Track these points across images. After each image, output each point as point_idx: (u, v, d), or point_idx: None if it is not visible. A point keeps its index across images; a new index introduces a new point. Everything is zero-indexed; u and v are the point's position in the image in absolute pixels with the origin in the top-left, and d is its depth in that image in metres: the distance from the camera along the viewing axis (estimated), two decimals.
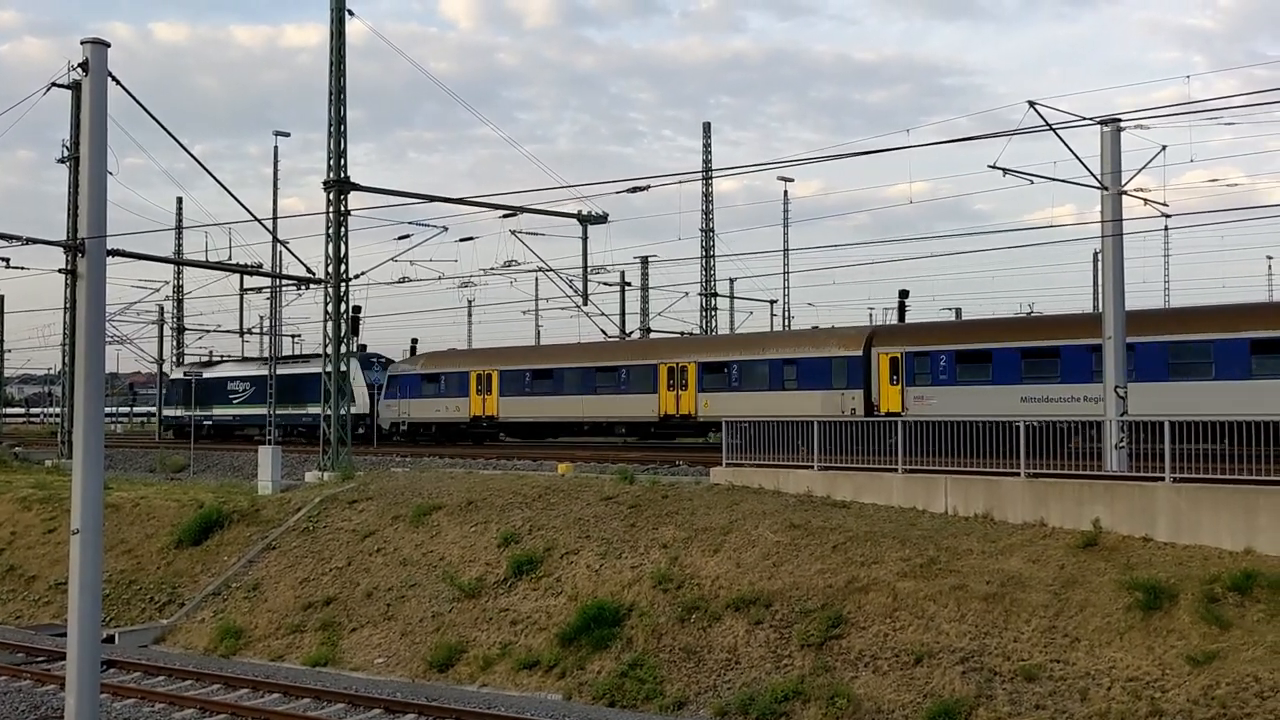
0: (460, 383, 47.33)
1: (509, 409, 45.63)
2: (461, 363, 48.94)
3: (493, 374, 46.03)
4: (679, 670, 19.17)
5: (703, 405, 39.52)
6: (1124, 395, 23.16)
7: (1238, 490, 18.52)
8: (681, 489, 25.20)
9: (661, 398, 40.88)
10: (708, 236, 60.53)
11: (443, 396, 47.83)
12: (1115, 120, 23.32)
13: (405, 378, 49.89)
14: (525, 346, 55.98)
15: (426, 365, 49.98)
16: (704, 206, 60.31)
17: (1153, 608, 16.70)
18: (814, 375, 36.80)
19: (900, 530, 20.82)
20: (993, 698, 16.44)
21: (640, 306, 66.70)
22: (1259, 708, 14.74)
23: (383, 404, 50.38)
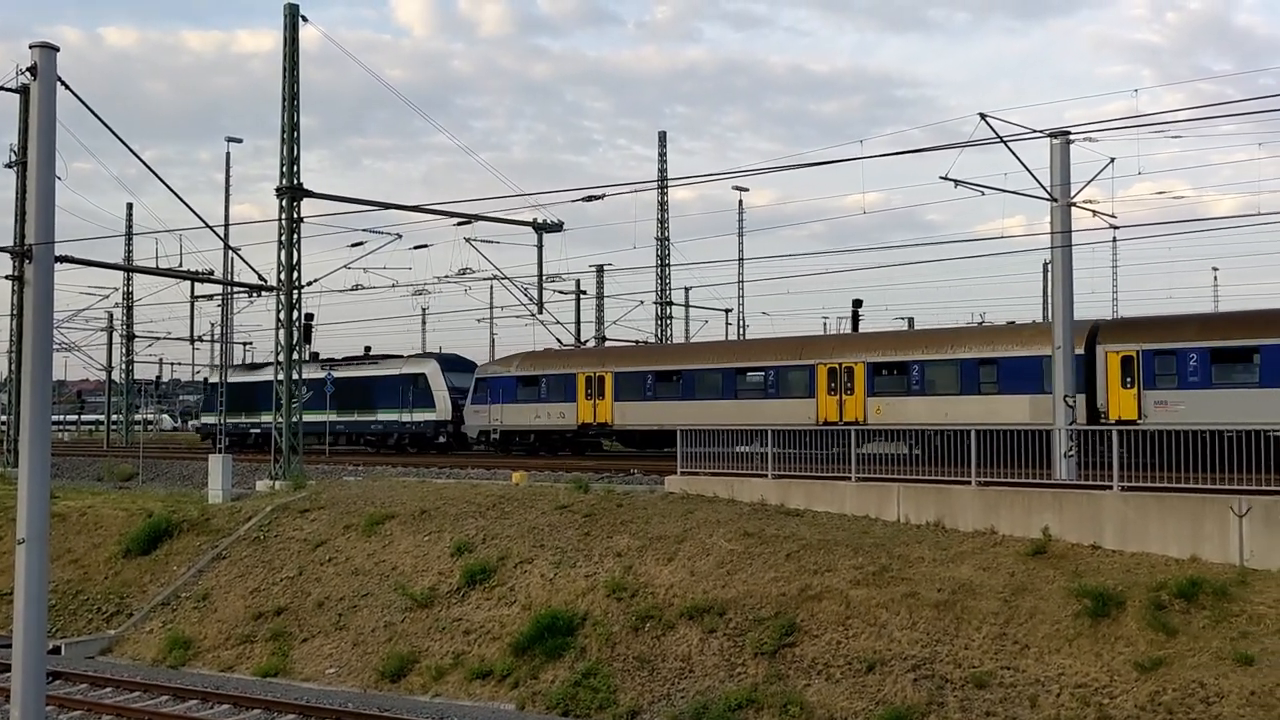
0: (566, 386, 42.25)
1: (626, 415, 40.47)
2: (567, 364, 43.57)
3: (606, 376, 40.95)
4: (632, 679, 19.16)
5: (873, 411, 34.73)
6: (1072, 404, 23.42)
7: (1184, 499, 18.78)
8: (636, 498, 25.20)
9: (821, 402, 35.80)
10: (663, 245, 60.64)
11: (543, 401, 42.80)
12: (1065, 133, 23.63)
13: (497, 380, 44.61)
14: (646, 345, 50.84)
15: (523, 366, 44.60)
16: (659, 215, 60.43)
17: (1101, 615, 16.90)
18: (1020, 376, 32.01)
19: (853, 538, 20.94)
20: (944, 705, 16.55)
21: (595, 315, 66.71)
22: (1204, 713, 14.95)
23: (469, 410, 45.24)
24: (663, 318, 61.37)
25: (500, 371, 45.21)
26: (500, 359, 48.43)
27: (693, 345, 44.45)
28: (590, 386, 41.37)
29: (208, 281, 32.71)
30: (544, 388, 42.98)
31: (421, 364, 49.17)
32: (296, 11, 33.33)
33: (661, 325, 61.06)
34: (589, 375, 41.48)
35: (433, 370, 47.95)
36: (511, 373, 44.43)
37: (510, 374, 44.42)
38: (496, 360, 48.98)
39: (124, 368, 72.23)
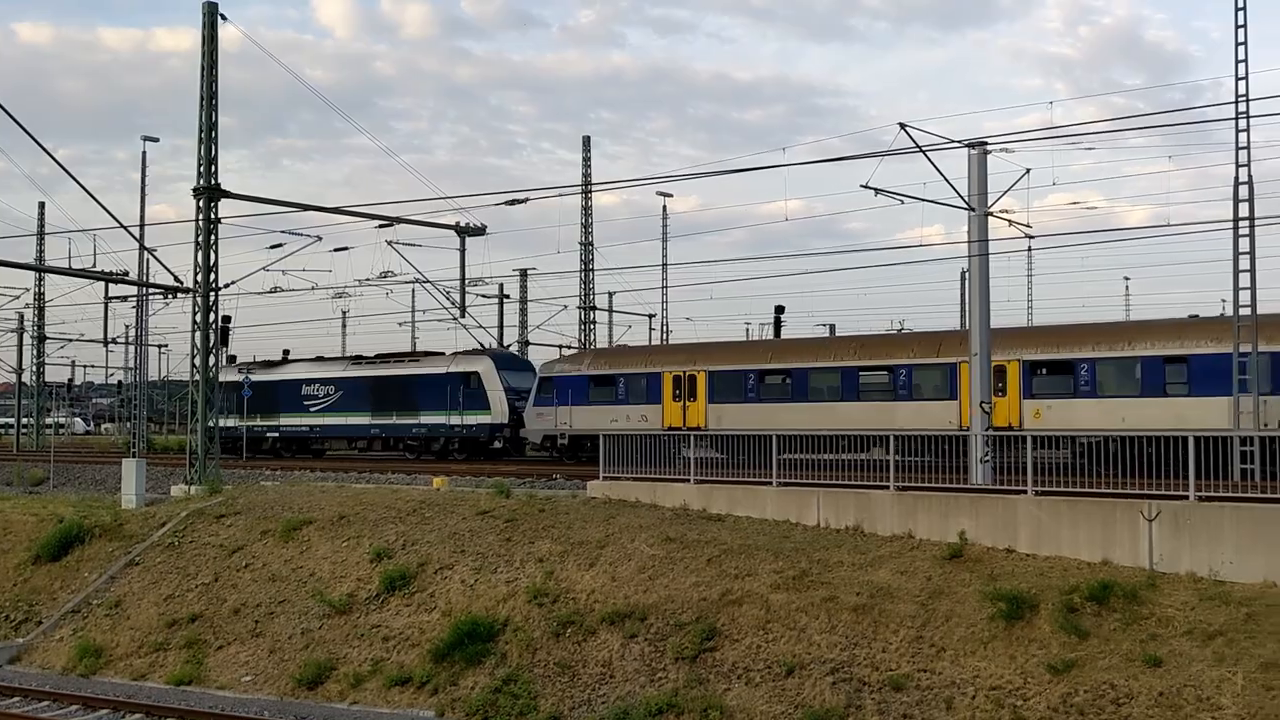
0: (649, 386, 38.44)
1: (723, 418, 36.15)
2: (651, 361, 39.56)
3: (698, 375, 37.23)
4: (553, 685, 19.10)
5: (1030, 414, 31.33)
6: (988, 410, 23.79)
7: (1096, 503, 19.16)
8: (558, 503, 25.14)
9: (965, 406, 31.52)
10: (587, 250, 60.64)
11: (621, 404, 38.97)
12: (982, 143, 24.03)
13: (565, 380, 40.64)
14: (747, 342, 45.58)
15: (597, 364, 40.75)
16: (583, 220, 60.42)
17: (1015, 618, 17.16)
18: (1216, 376, 28.40)
19: (774, 543, 21.07)
20: (861, 708, 16.71)
21: (519, 319, 66.53)
22: (1115, 714, 15.26)
23: (531, 412, 41.45)
24: (586, 323, 61.37)
25: (569, 370, 41.22)
26: (568, 356, 44.47)
27: (806, 341, 38.90)
28: (679, 387, 37.72)
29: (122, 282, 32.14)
30: (622, 388, 39.19)
31: (474, 361, 45.11)
32: (215, 10, 32.83)
33: (585, 330, 61.06)
34: (678, 374, 37.81)
35: (487, 368, 43.88)
36: (583, 371, 40.59)
37: (581, 372, 40.52)
38: (564, 357, 44.79)
39: (35, 370, 70.57)
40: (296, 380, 50.46)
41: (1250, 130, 25.12)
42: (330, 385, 49.15)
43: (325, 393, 49.29)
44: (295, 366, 51.95)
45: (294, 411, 50.08)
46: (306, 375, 50.39)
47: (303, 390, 49.86)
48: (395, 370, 46.48)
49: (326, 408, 49.10)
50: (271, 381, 50.99)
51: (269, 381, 51.01)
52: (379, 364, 46.95)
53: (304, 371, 50.88)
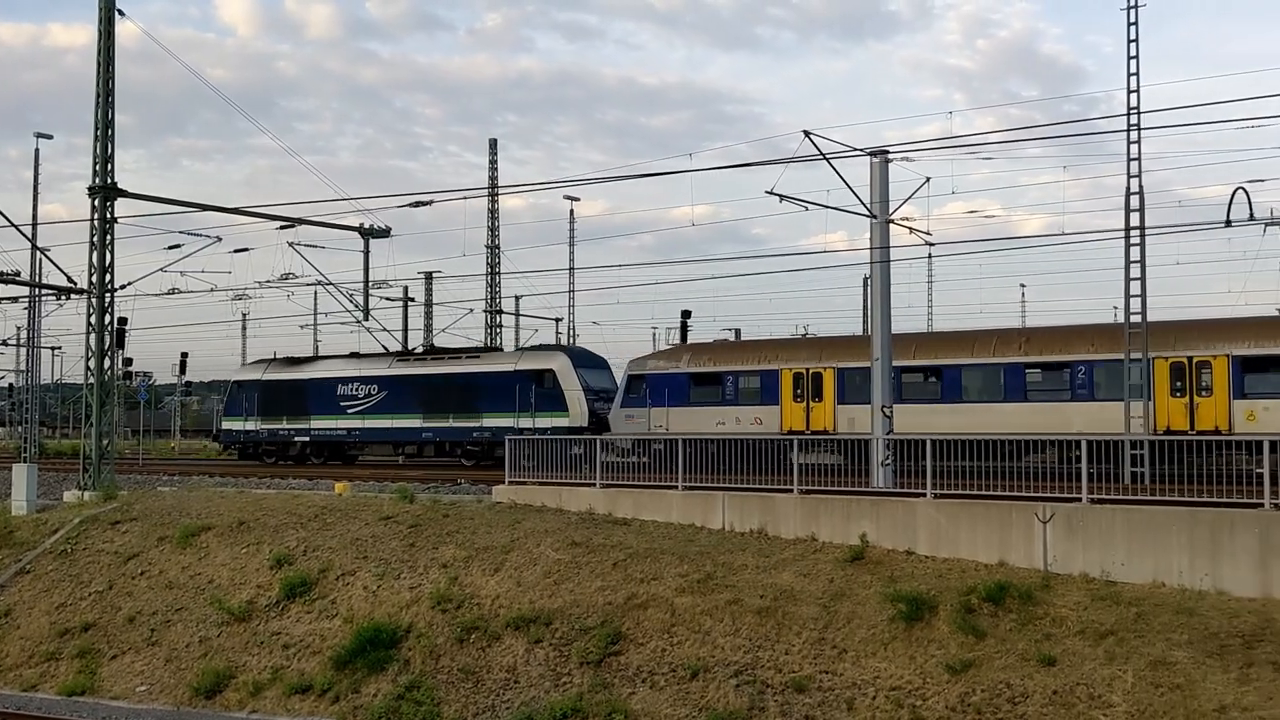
0: (764, 386, 34.63)
1: (855, 420, 31.92)
2: (765, 357, 35.43)
3: (825, 373, 33.60)
4: (457, 691, 18.97)
5: (1243, 417, 28.12)
6: (889, 414, 24.14)
7: (992, 505, 19.55)
8: (463, 508, 24.99)
9: (1162, 406, 28.89)
10: (493, 253, 60.37)
11: (729, 404, 35.14)
12: (884, 152, 24.38)
13: (660, 378, 36.48)
14: None
15: (699, 360, 36.33)
16: (490, 223, 60.15)
17: (914, 619, 17.44)
18: None
19: (679, 547, 21.16)
20: (765, 710, 16.85)
21: (424, 323, 65.95)
22: (1011, 713, 15.57)
23: (618, 414, 37.18)
24: (492, 326, 61.08)
25: (665, 367, 36.97)
26: (663, 351, 39.78)
27: (958, 335, 34.45)
28: (800, 386, 33.98)
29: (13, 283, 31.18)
30: (731, 387, 35.29)
31: (547, 357, 40.79)
32: (113, 5, 32.07)
33: (490, 334, 60.76)
34: (799, 372, 34.02)
35: (563, 365, 39.56)
36: (681, 368, 36.43)
37: (680, 370, 36.44)
38: (658, 353, 40.07)
39: None
40: (331, 379, 44.92)
41: (1141, 142, 25.89)
42: (372, 384, 43.76)
43: (366, 392, 43.96)
44: (328, 363, 46.83)
45: (328, 413, 44.71)
46: (343, 373, 44.94)
47: (339, 390, 44.48)
48: (453, 368, 42.09)
49: (367, 409, 43.83)
50: (300, 380, 45.76)
51: (297, 380, 45.86)
52: (431, 361, 43.00)
53: (340, 369, 45.48)
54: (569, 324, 69.22)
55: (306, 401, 45.01)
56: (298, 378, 45.99)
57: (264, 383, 46.35)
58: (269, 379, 46.26)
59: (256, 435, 46.32)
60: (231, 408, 48.05)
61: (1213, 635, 15.75)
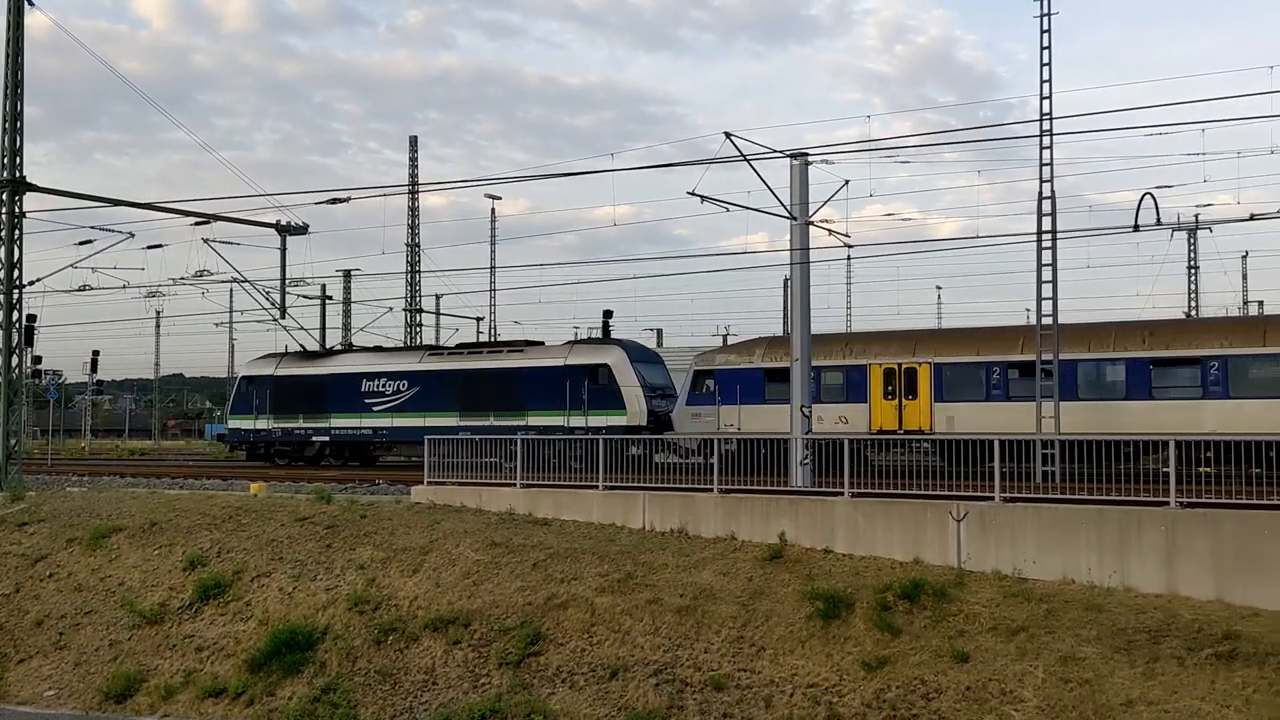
0: (850, 382, 32.48)
1: (956, 420, 30.24)
2: (850, 351, 33.01)
3: (921, 368, 31.43)
4: (374, 693, 18.79)
5: None
6: (809, 414, 24.37)
7: (908, 504, 19.82)
8: (381, 508, 24.77)
9: None
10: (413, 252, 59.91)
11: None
12: (803, 154, 24.62)
13: (731, 375, 34.15)
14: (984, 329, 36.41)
15: (774, 356, 33.35)
16: (409, 221, 59.71)
17: (831, 616, 17.62)
18: None
19: (599, 546, 21.16)
20: (684, 708, 16.91)
21: (342, 321, 65.25)
22: (924, 708, 15.80)
23: (683, 413, 34.96)
24: (412, 325, 60.61)
25: (736, 362, 34.42)
26: (733, 346, 36.93)
27: (1073, 327, 31.14)
28: (891, 382, 31.82)
29: None
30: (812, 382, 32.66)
31: (602, 351, 37.76)
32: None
33: (410, 333, 60.28)
34: (890, 368, 31.82)
35: (619, 360, 36.66)
36: (755, 363, 33.98)
37: (753, 365, 33.97)
38: (727, 348, 37.14)
39: None
40: (354, 374, 41.88)
41: (1053, 148, 26.41)
42: (402, 380, 40.82)
43: (395, 389, 40.91)
44: (350, 358, 43.89)
45: (350, 411, 41.68)
46: (369, 368, 41.93)
47: (363, 386, 41.55)
48: (494, 362, 39.10)
49: (396, 407, 40.70)
50: (319, 376, 42.65)
51: (316, 376, 42.78)
52: (469, 355, 40.24)
53: (364, 363, 42.50)
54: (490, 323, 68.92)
55: (327, 398, 42.08)
56: (317, 373, 42.89)
57: (277, 378, 43.25)
58: (283, 374, 43.18)
59: (269, 435, 43.50)
60: (239, 405, 45.06)
61: (1120, 631, 16.11)
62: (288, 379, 43.01)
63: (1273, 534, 16.70)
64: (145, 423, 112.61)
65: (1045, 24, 26.50)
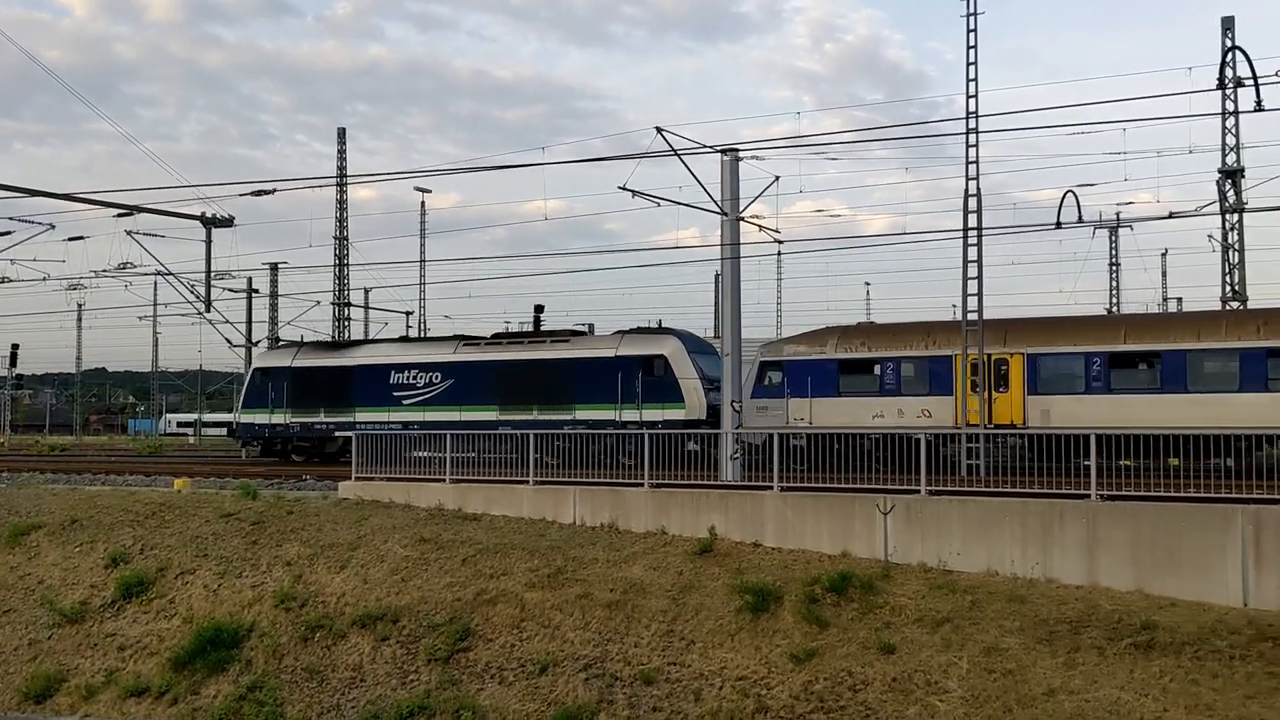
0: (934, 373, 30.35)
1: (1052, 414, 28.61)
2: (932, 341, 30.95)
3: (1012, 359, 29.35)
4: (301, 691, 18.61)
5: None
6: (739, 409, 24.51)
7: (837, 498, 20.01)
8: (308, 504, 24.52)
9: None
10: (342, 245, 59.31)
11: (889, 395, 30.94)
12: (734, 150, 24.75)
13: (801, 366, 32.03)
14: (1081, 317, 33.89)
15: (849, 346, 31.79)
16: (338, 214, 59.06)
17: (760, 610, 17.74)
18: None
19: (529, 541, 21.13)
20: (613, 702, 16.94)
21: (269, 315, 64.44)
22: (852, 700, 15.97)
23: (748, 406, 31.78)
24: (340, 319, 60.02)
25: (807, 353, 32.28)
26: (803, 335, 34.63)
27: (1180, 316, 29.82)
28: (979, 374, 29.53)
29: None
30: (891, 375, 31.07)
31: (658, 341, 35.54)
32: None
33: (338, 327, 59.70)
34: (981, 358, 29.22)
35: (675, 350, 34.71)
36: (828, 354, 31.90)
37: (825, 356, 31.89)
38: (796, 337, 34.77)
39: None
40: (382, 365, 39.33)
41: (979, 146, 26.77)
42: (434, 371, 38.30)
43: (427, 380, 38.30)
44: (375, 348, 41.28)
45: (377, 404, 39.07)
46: (398, 358, 39.31)
47: (392, 377, 38.99)
48: (537, 353, 36.75)
49: (428, 400, 38.13)
50: (343, 368, 40.11)
51: (339, 367, 40.24)
52: (509, 345, 37.86)
53: (391, 354, 39.85)
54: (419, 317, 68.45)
55: (351, 391, 39.44)
56: (340, 364, 40.25)
57: (295, 370, 40.57)
58: (302, 365, 40.56)
59: (286, 430, 40.78)
60: (253, 398, 41.80)
61: (1042, 622, 16.40)
62: (308, 370, 40.42)
63: (1188, 526, 17.09)
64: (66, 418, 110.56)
65: (971, 24, 26.86)
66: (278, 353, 43.44)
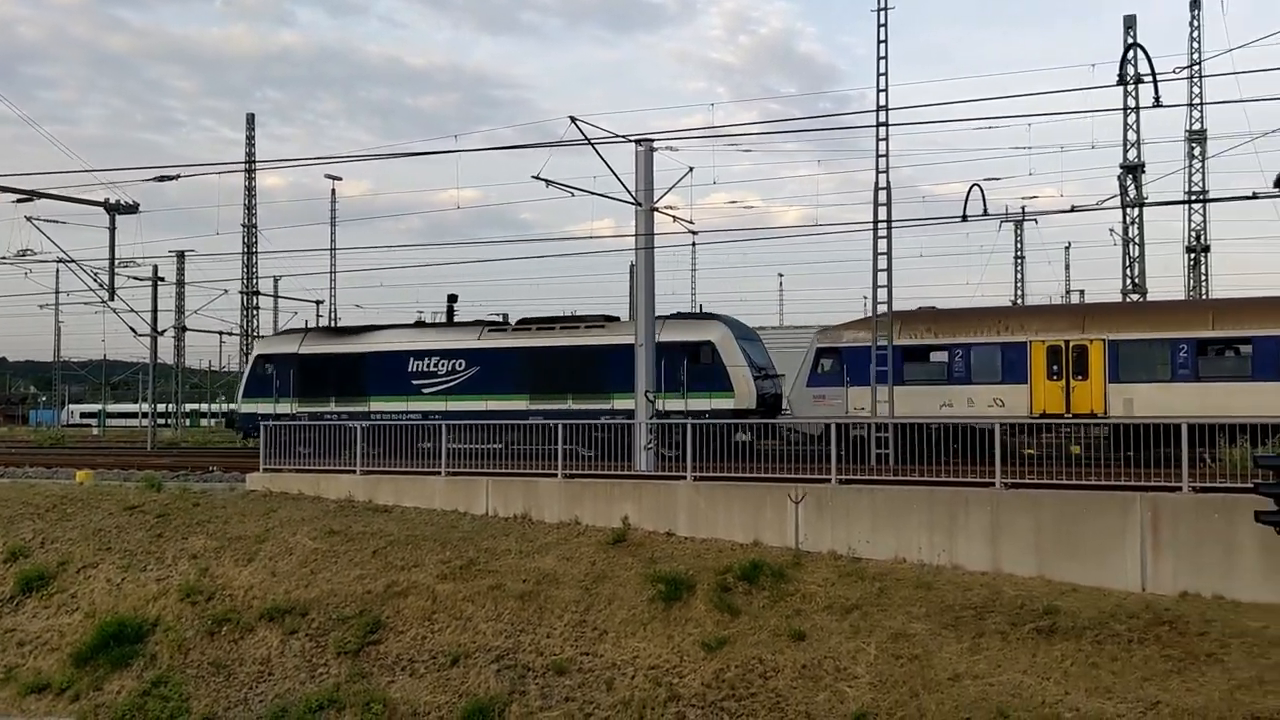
0: (1006, 361, 29.05)
1: (1135, 403, 27.52)
2: (1004, 327, 29.57)
3: (1090, 345, 28.17)
4: (207, 685, 18.31)
5: None
6: (652, 399, 24.56)
7: (749, 487, 20.16)
8: (214, 496, 24.13)
9: None
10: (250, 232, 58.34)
11: (958, 383, 29.29)
12: (648, 140, 24.75)
13: (861, 352, 29.77)
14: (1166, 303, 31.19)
15: (912, 332, 30.12)
16: (246, 201, 58.09)
17: (673, 599, 17.82)
18: None
19: (441, 533, 21.00)
20: (525, 693, 16.92)
21: (175, 304, 63.18)
22: (762, 687, 16.12)
23: (803, 395, 31.05)
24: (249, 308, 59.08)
25: (867, 339, 29.87)
26: (862, 321, 32.63)
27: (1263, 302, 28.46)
28: (1056, 361, 28.55)
29: None
30: (960, 362, 29.52)
31: (704, 327, 33.52)
32: None
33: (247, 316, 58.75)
34: (1055, 345, 28.43)
35: (723, 336, 32.80)
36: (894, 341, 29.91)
37: None
38: (856, 323, 32.94)
39: None
40: (399, 352, 36.93)
41: (889, 140, 27.10)
42: (458, 358, 35.88)
43: (450, 368, 35.76)
44: (390, 334, 38.51)
45: (394, 393, 36.76)
46: (417, 345, 37.00)
47: (410, 365, 36.68)
48: (571, 339, 34.53)
49: (451, 389, 35.64)
50: (355, 354, 37.64)
51: (351, 354, 37.72)
52: (538, 331, 35.68)
53: (410, 340, 37.46)
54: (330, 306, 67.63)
55: (365, 379, 37.11)
56: (353, 350, 37.69)
57: (303, 357, 37.97)
58: (311, 352, 38.04)
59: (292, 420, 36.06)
60: (255, 387, 38.95)
61: (948, 608, 16.69)
62: (316, 358, 37.91)
63: (1088, 513, 17.50)
64: None
65: (881, 19, 27.15)
66: (282, 338, 40.88)
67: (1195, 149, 43.47)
